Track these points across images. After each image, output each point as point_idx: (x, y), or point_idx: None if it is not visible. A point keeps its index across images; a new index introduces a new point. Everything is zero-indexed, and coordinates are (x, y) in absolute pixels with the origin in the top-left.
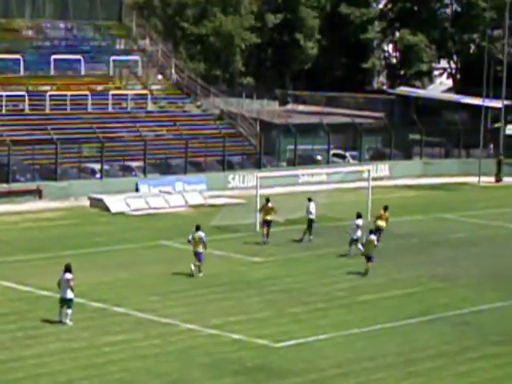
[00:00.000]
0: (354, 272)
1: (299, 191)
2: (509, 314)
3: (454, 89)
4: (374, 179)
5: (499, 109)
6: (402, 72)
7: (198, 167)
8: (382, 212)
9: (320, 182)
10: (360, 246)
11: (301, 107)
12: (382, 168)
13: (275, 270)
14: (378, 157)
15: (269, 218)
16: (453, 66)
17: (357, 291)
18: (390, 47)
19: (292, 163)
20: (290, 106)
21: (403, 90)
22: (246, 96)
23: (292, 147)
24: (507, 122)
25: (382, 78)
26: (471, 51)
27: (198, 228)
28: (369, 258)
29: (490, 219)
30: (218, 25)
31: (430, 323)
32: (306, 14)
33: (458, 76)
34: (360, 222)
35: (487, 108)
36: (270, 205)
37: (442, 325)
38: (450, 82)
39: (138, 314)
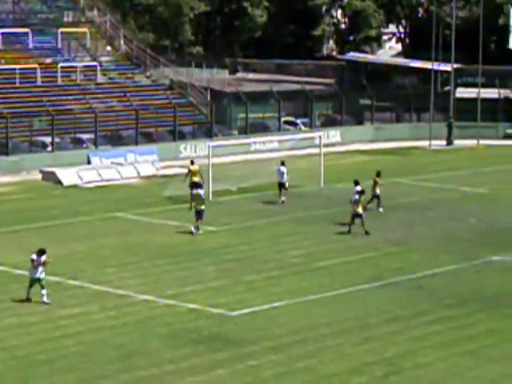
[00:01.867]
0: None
1: (251, 159)
2: (462, 277)
3: (404, 53)
4: (326, 145)
5: (449, 72)
6: (351, 38)
7: (150, 138)
8: (376, 178)
9: (272, 150)
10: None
11: (251, 75)
12: (334, 134)
13: (230, 239)
14: (329, 123)
15: (196, 179)
16: (402, 30)
17: (312, 258)
18: (338, 13)
19: (243, 131)
20: (240, 75)
21: (353, 55)
22: (195, 65)
23: (243, 115)
24: (457, 86)
25: (332, 45)
26: (420, 15)
27: (198, 186)
28: (359, 216)
29: (442, 182)
30: None
31: (385, 288)
32: None
33: (407, 40)
34: (359, 188)
35: (437, 72)
36: (195, 167)
37: (397, 289)
38: (399, 47)
39: (93, 286)
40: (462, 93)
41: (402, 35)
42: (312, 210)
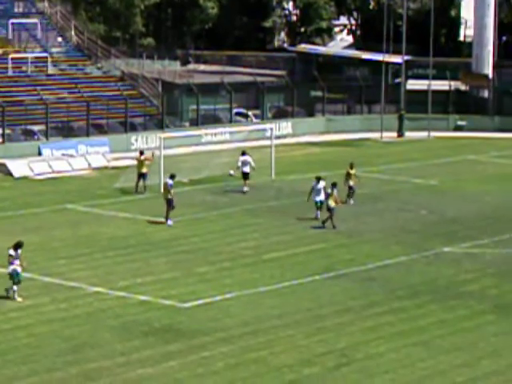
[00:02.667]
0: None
1: (203, 151)
2: (413, 268)
3: (355, 45)
4: (278, 137)
5: (400, 64)
6: (302, 29)
7: (101, 129)
8: (349, 170)
9: (223, 142)
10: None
11: (202, 67)
12: (285, 126)
13: (181, 231)
14: (281, 115)
15: (144, 170)
16: (353, 22)
17: (263, 249)
18: (290, 5)
19: (195, 123)
20: (191, 66)
21: (304, 47)
22: (146, 57)
23: (194, 107)
24: (408, 78)
25: (283, 36)
26: (371, 7)
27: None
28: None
29: (393, 174)
30: None
31: (337, 279)
32: None
33: (359, 32)
34: (322, 184)
35: (388, 63)
36: (142, 157)
37: (349, 280)
38: (350, 39)
39: (44, 278)
40: (413, 85)
41: (354, 27)
42: (263, 202)
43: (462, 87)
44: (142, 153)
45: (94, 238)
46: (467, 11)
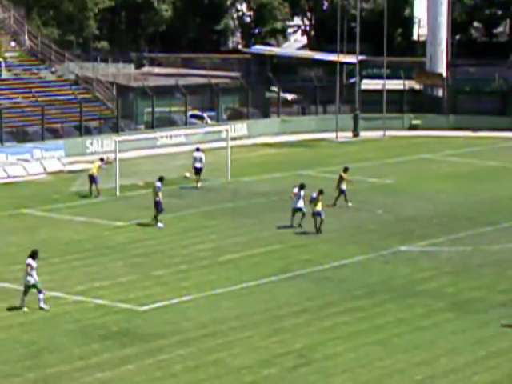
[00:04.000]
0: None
1: (158, 154)
2: (370, 267)
3: (309, 46)
4: (233, 139)
5: (354, 64)
6: (256, 31)
7: (56, 134)
8: (342, 174)
9: (179, 144)
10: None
11: (157, 69)
12: (240, 127)
13: (138, 234)
14: (236, 116)
15: (93, 172)
16: (307, 23)
17: (219, 251)
18: (243, 6)
19: (150, 126)
20: (145, 69)
21: (258, 48)
22: (101, 60)
23: (149, 110)
24: (362, 77)
25: (238, 38)
26: (325, 8)
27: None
28: (318, 214)
29: (349, 174)
30: None
31: (294, 280)
32: None
33: (313, 33)
34: (302, 192)
35: (342, 64)
36: (99, 163)
37: (306, 281)
38: (304, 39)
39: (1, 284)
40: (368, 84)
41: (308, 28)
42: (219, 204)
43: (417, 86)
44: (102, 160)
45: (51, 243)
46: (421, 10)
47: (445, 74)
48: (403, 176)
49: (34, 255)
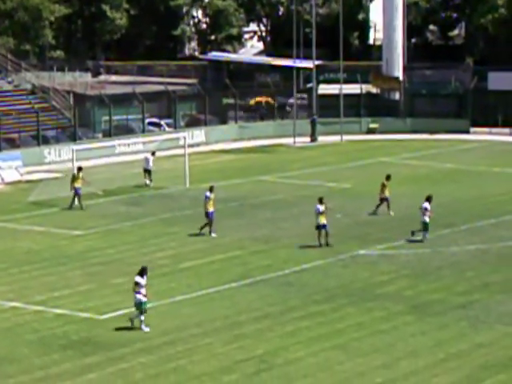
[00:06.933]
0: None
1: (116, 162)
2: (330, 271)
3: (266, 51)
4: (191, 146)
5: (310, 69)
6: (212, 37)
7: (13, 143)
8: (384, 182)
9: (136, 152)
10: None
11: (113, 77)
12: (198, 134)
13: (96, 242)
14: (194, 123)
15: (77, 185)
16: (263, 28)
17: (179, 258)
18: (199, 13)
19: (108, 134)
20: (102, 77)
21: (214, 55)
22: (57, 69)
23: (107, 118)
24: (319, 82)
25: (194, 45)
26: (280, 13)
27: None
28: (324, 227)
29: (307, 179)
30: None
31: (254, 286)
32: None
33: (269, 38)
34: (427, 205)
35: (299, 69)
36: (80, 173)
37: (266, 286)
38: (261, 45)
39: None
40: (325, 89)
41: (264, 33)
42: (178, 211)
43: (374, 90)
44: (80, 169)
45: (9, 253)
46: (376, 14)
47: (401, 78)
48: (361, 180)
49: (142, 272)
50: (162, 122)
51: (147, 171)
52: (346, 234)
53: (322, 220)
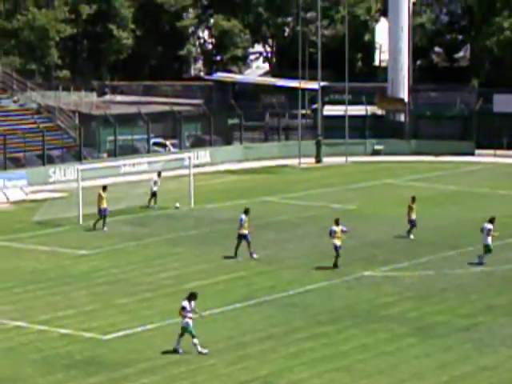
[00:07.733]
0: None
1: (121, 182)
2: (334, 293)
3: (271, 72)
4: (196, 166)
5: (316, 90)
6: (218, 58)
7: (18, 163)
8: (411, 204)
9: (141, 172)
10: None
11: (119, 98)
12: (203, 154)
13: (101, 262)
14: (199, 143)
15: (104, 205)
16: (268, 49)
17: (183, 279)
18: (205, 33)
19: (113, 154)
20: (107, 97)
21: (220, 75)
22: (63, 89)
23: (112, 138)
24: (324, 103)
25: (199, 65)
26: (286, 34)
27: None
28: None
29: (311, 200)
30: (31, 18)
31: (258, 306)
32: (120, 4)
33: (274, 60)
34: (491, 226)
35: (304, 90)
36: (104, 193)
37: (270, 307)
38: (266, 66)
39: None
40: (330, 110)
41: (269, 54)
42: (183, 231)
43: (379, 112)
44: (105, 188)
45: (14, 272)
46: (381, 36)
47: (406, 99)
48: (366, 201)
49: (190, 297)
50: (168, 143)
51: (153, 193)
52: (351, 256)
53: (336, 241)
